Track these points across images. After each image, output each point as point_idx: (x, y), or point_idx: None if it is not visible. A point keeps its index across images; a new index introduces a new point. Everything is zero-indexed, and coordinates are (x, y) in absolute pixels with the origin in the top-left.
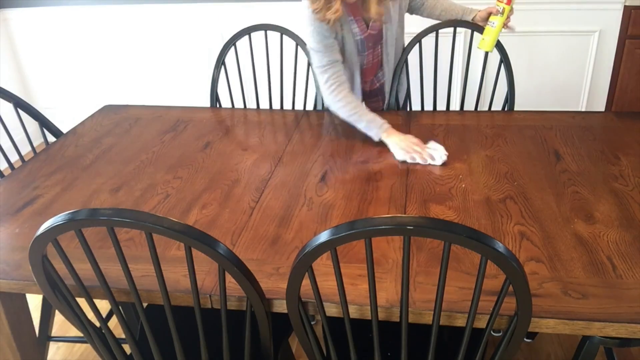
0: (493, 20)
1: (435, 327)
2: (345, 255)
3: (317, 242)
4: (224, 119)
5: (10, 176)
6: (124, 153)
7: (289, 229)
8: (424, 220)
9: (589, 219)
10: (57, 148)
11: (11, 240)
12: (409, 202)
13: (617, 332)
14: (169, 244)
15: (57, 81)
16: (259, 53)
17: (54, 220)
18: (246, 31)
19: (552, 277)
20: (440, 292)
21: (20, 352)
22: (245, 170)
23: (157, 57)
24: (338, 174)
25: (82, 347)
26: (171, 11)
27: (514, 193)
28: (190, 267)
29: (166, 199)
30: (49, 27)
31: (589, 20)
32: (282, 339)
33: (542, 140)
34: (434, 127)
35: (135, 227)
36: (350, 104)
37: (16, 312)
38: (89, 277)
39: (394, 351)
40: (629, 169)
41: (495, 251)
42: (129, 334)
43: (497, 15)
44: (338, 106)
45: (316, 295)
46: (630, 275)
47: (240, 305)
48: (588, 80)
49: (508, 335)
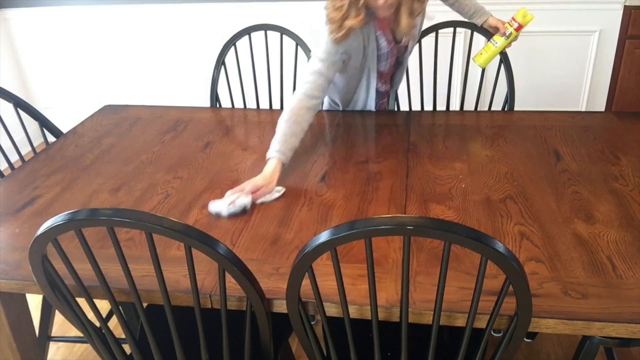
0: (497, 40)
1: (435, 327)
2: (345, 255)
3: (317, 242)
4: (224, 119)
5: (10, 176)
6: (124, 153)
7: (289, 229)
8: (424, 220)
9: (589, 219)
10: (57, 148)
11: (11, 240)
12: (409, 202)
13: (617, 332)
14: (169, 244)
15: (57, 81)
16: (259, 53)
17: (54, 220)
18: (246, 31)
19: (552, 277)
20: (440, 292)
21: (20, 352)
22: (245, 170)
23: (157, 57)
24: (338, 174)
25: (82, 347)
26: (171, 11)
27: (514, 193)
28: (190, 267)
29: (166, 199)
30: (49, 27)
31: (589, 20)
32: (282, 339)
33: (542, 140)
34: (434, 127)
35: (135, 227)
36: (291, 113)
37: (16, 312)
38: (89, 277)
39: (394, 351)
40: (629, 169)
41: (495, 251)
42: (129, 334)
43: (503, 37)
44: (287, 106)
45: (316, 295)
46: (630, 275)
47: (240, 305)
48: (588, 80)
49: (508, 335)
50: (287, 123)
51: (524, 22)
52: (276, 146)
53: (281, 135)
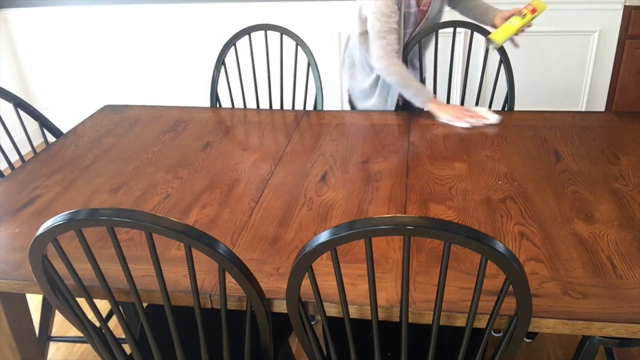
0: (513, 20)
1: (435, 327)
2: (345, 255)
3: (317, 242)
4: (224, 119)
5: (10, 176)
6: (124, 153)
7: (289, 229)
8: (424, 220)
9: (589, 219)
10: (57, 148)
11: (11, 240)
12: (409, 202)
13: (617, 332)
14: (169, 244)
15: (57, 81)
16: (259, 53)
17: (54, 220)
18: (246, 31)
19: (552, 277)
20: (440, 292)
21: (20, 352)
22: (245, 170)
23: (157, 57)
24: (338, 174)
25: (82, 347)
26: (171, 11)
27: (514, 193)
28: (190, 267)
29: (166, 199)
30: (49, 27)
31: (589, 20)
32: (282, 339)
33: (542, 140)
34: (434, 127)
35: (135, 227)
36: (402, 70)
37: (16, 312)
38: (89, 277)
39: (394, 351)
40: (629, 169)
41: (495, 251)
42: (129, 334)
43: (519, 16)
44: (391, 70)
45: (316, 295)
46: (630, 275)
47: (240, 305)
48: (588, 80)
49: (508, 335)
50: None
51: (539, 8)
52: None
53: (415, 83)
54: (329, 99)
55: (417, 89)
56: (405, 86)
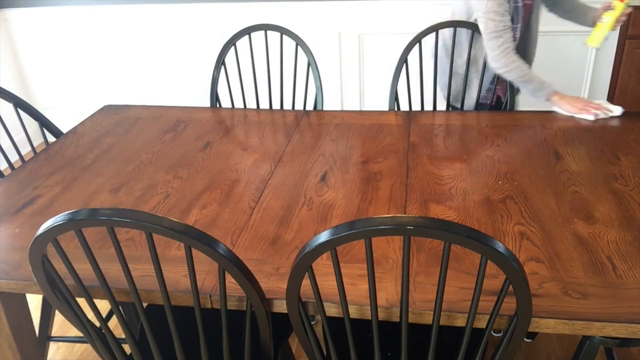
0: (604, 17)
1: (435, 327)
2: (345, 255)
3: (317, 242)
4: (224, 119)
5: (10, 176)
6: (124, 153)
7: (289, 229)
8: (424, 220)
9: (589, 219)
10: (57, 148)
11: (11, 240)
12: (409, 202)
13: (617, 332)
14: (169, 244)
15: (57, 81)
16: (259, 53)
17: (54, 220)
18: (246, 31)
19: (552, 277)
20: (440, 292)
21: (20, 352)
22: (245, 170)
23: (157, 57)
24: (338, 174)
25: (82, 347)
26: (171, 11)
27: (514, 193)
28: (190, 267)
29: (166, 199)
30: (49, 27)
31: None
32: (282, 339)
33: (542, 140)
34: (434, 127)
35: (135, 227)
36: (522, 66)
37: (16, 312)
38: (89, 277)
39: (394, 351)
40: (629, 169)
41: (495, 251)
42: (129, 334)
43: (609, 11)
44: (511, 67)
45: (316, 295)
46: (630, 275)
47: (240, 305)
48: (588, 80)
49: (508, 335)
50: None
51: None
52: (548, 84)
53: (537, 78)
54: (329, 99)
55: (540, 83)
56: (527, 81)
